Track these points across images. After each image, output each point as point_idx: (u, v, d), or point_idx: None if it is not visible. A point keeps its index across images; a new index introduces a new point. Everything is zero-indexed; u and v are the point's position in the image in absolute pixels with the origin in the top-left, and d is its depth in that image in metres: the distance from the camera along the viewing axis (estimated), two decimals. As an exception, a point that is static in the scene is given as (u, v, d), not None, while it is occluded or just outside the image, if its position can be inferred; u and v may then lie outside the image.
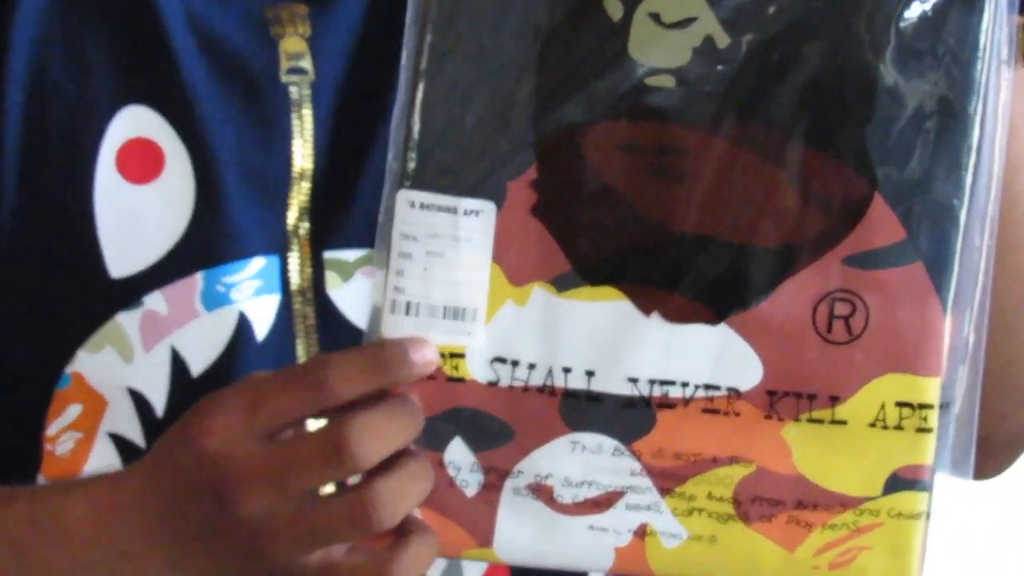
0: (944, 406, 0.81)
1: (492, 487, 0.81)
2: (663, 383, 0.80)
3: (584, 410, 0.81)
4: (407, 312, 0.80)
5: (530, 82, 0.80)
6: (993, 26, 0.79)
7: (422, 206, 0.80)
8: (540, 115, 0.80)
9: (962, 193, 0.80)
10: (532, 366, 0.81)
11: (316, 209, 0.99)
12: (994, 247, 0.82)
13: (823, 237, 0.79)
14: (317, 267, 1.00)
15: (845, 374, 0.80)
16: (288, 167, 0.99)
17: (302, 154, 1.00)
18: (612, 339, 0.81)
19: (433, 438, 0.80)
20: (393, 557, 0.78)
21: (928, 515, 0.81)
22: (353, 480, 0.80)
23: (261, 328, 0.99)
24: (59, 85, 0.99)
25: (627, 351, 0.81)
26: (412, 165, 0.81)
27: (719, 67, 0.79)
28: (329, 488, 0.81)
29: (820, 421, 0.80)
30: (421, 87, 0.81)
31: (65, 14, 1.00)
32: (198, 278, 0.97)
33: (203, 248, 0.98)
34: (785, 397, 0.80)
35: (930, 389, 0.80)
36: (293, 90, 0.99)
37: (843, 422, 0.80)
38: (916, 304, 0.80)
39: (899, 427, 0.80)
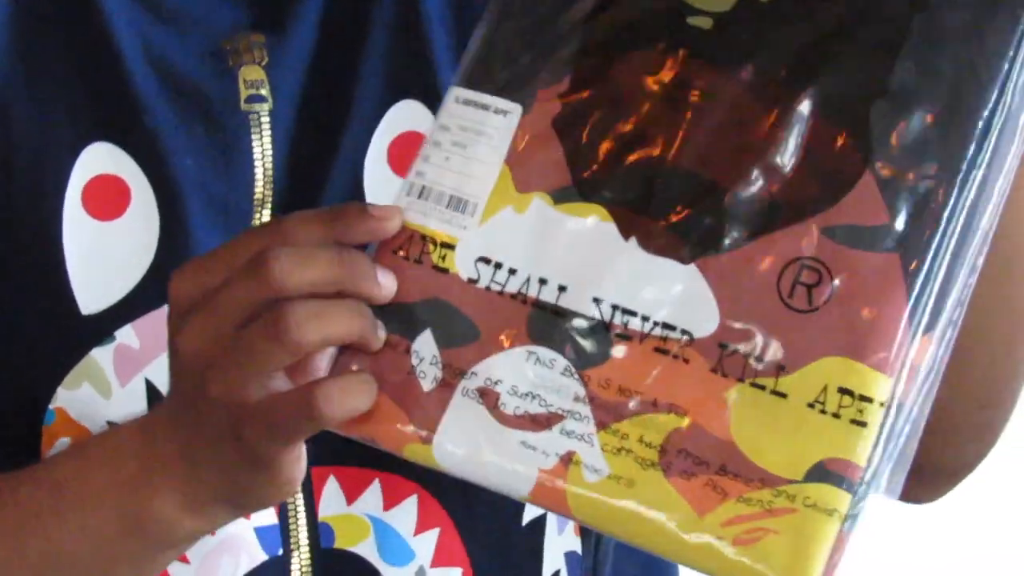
0: (887, 408, 0.78)
1: (446, 385, 0.82)
2: (624, 312, 0.80)
3: (548, 324, 0.81)
4: (419, 196, 0.83)
5: (585, 7, 0.83)
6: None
7: (464, 101, 0.84)
8: (586, 37, 0.83)
9: (951, 197, 0.79)
10: (512, 272, 0.82)
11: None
12: (976, 276, 0.80)
13: (808, 201, 0.79)
14: None
15: (796, 344, 0.78)
16: (250, 194, 1.01)
17: (263, 181, 1.03)
18: (589, 257, 0.82)
19: (406, 325, 0.82)
20: (320, 383, 0.78)
21: (849, 518, 0.77)
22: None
23: None
24: (22, 127, 1.01)
25: (599, 271, 0.82)
26: (467, 66, 0.85)
27: (756, 19, 0.81)
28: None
29: (762, 388, 0.78)
30: (495, 18, 0.86)
31: (23, 55, 1.02)
32: (166, 310, 0.91)
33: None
34: (735, 355, 0.79)
35: (875, 383, 0.77)
36: (253, 118, 1.01)
37: (784, 395, 0.78)
38: (882, 293, 0.78)
39: (836, 415, 0.78)
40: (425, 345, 0.82)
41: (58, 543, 0.95)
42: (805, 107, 0.81)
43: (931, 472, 0.97)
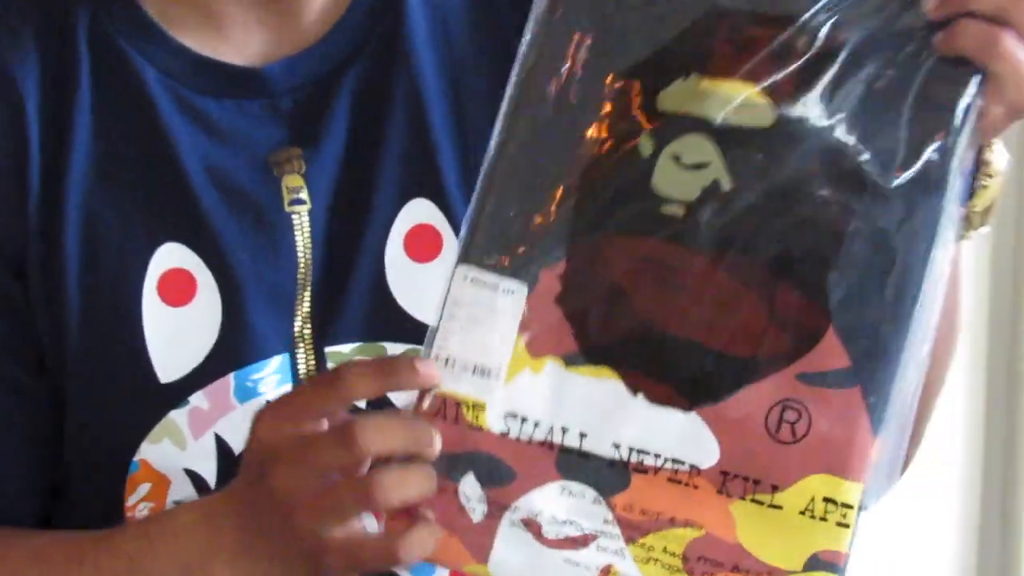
0: (862, 508, 0.92)
1: (493, 516, 0.93)
2: (640, 451, 0.92)
3: (575, 464, 0.93)
4: (446, 365, 0.93)
5: (573, 197, 0.93)
6: (945, 212, 0.92)
7: (472, 280, 0.93)
8: (577, 223, 0.93)
9: (902, 339, 0.92)
10: (537, 424, 0.93)
11: (316, 314, 1.13)
12: (921, 384, 0.94)
13: (784, 355, 0.92)
14: (320, 360, 1.14)
15: (786, 468, 0.92)
16: (294, 280, 1.13)
17: (304, 269, 1.15)
18: (604, 410, 0.93)
19: (453, 471, 0.93)
20: (402, 534, 0.91)
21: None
22: None
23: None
24: (106, 231, 1.14)
25: (615, 421, 0.93)
26: (471, 246, 0.94)
27: (721, 205, 0.92)
28: None
29: (761, 503, 0.92)
30: (490, 190, 0.95)
31: (105, 174, 1.15)
32: (231, 378, 1.11)
33: (232, 354, 1.12)
34: (736, 479, 0.92)
35: (853, 492, 0.91)
36: (295, 218, 1.14)
37: (779, 507, 0.92)
38: (850, 421, 0.91)
39: (823, 518, 0.91)
40: (471, 487, 0.94)
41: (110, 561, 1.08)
42: (773, 279, 0.93)
43: None
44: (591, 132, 0.96)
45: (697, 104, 0.94)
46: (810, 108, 0.94)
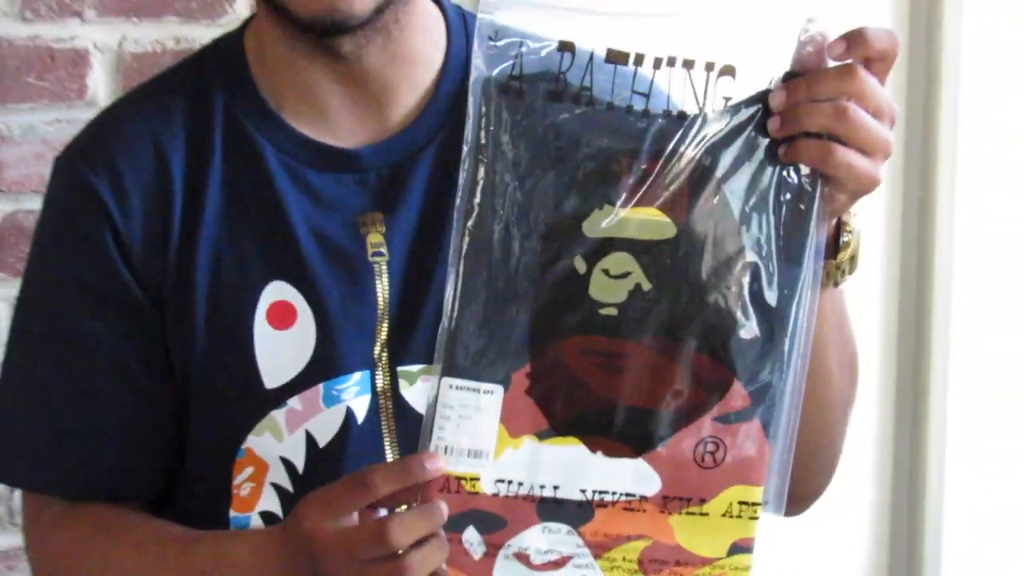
0: (765, 503, 1.21)
1: (490, 555, 1.18)
2: (600, 492, 1.18)
3: (551, 509, 1.18)
4: (445, 452, 1.16)
5: (528, 311, 1.16)
6: (804, 281, 1.18)
7: (457, 387, 1.16)
8: (534, 332, 1.17)
9: (784, 379, 1.20)
10: (520, 484, 1.17)
11: (391, 340, 1.38)
12: (800, 408, 1.21)
13: (703, 406, 1.18)
14: (393, 377, 1.39)
15: (710, 486, 1.19)
16: (374, 315, 1.37)
17: (383, 307, 1.38)
18: (571, 467, 1.19)
19: (456, 526, 1.16)
20: None
21: (751, 567, 1.20)
22: None
23: (360, 416, 1.38)
24: (228, 269, 1.38)
25: (580, 474, 1.19)
26: (452, 362, 1.16)
27: (644, 302, 1.17)
28: None
29: (693, 513, 1.19)
30: (459, 319, 1.17)
31: (229, 225, 1.39)
32: (320, 387, 1.35)
33: (322, 368, 1.36)
34: (673, 500, 1.18)
35: (757, 494, 1.20)
36: (376, 267, 1.37)
37: (706, 514, 1.19)
38: (754, 445, 1.19)
39: (739, 516, 1.19)
40: (472, 535, 1.17)
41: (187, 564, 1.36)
42: (689, 352, 1.18)
43: (798, 499, 1.34)
44: (534, 261, 1.18)
45: (615, 228, 1.17)
46: (699, 218, 1.17)
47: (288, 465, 1.39)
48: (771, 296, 1.19)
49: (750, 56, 1.19)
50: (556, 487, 1.18)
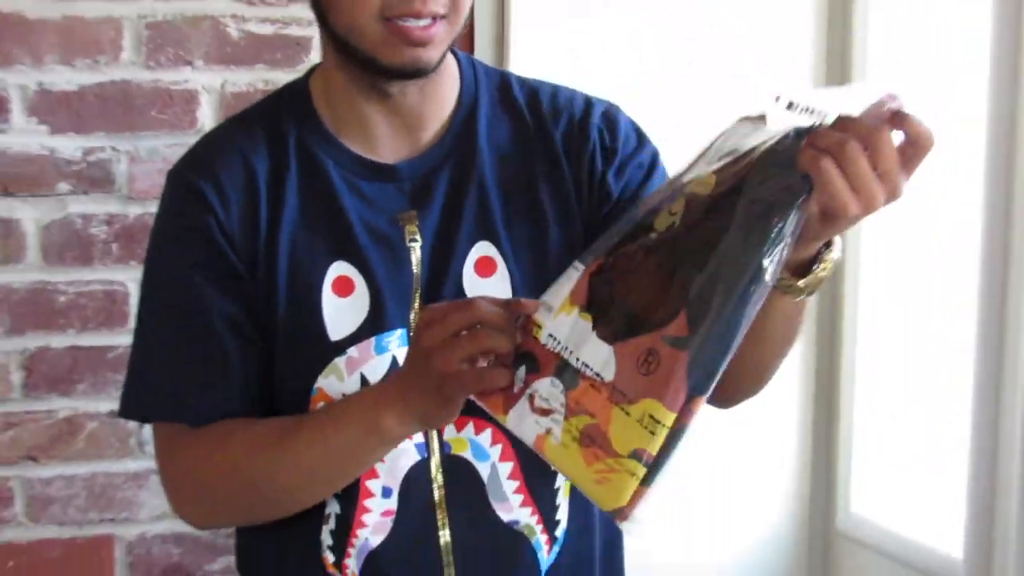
0: (671, 429, 1.28)
1: (522, 392, 1.34)
2: (585, 365, 1.32)
3: (561, 368, 1.33)
4: (541, 305, 1.35)
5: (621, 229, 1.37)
6: (762, 267, 1.25)
7: (578, 259, 1.37)
8: (616, 242, 1.35)
9: (721, 332, 1.28)
10: (557, 341, 1.34)
11: (423, 305, 1.56)
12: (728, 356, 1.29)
13: (659, 321, 1.30)
14: None
15: (638, 391, 1.28)
16: (410, 286, 1.57)
17: (416, 279, 1.57)
18: (581, 339, 1.33)
19: (518, 363, 1.34)
20: (487, 369, 1.33)
21: (645, 480, 1.28)
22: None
23: (401, 360, 1.53)
24: (301, 252, 1.56)
25: (582, 346, 1.32)
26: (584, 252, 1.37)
27: (670, 233, 1.32)
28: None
29: (623, 410, 1.30)
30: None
31: (303, 220, 1.57)
32: (372, 340, 1.55)
33: (373, 325, 1.55)
34: (616, 391, 1.30)
35: (667, 417, 1.28)
36: (412, 249, 1.57)
37: (629, 415, 1.29)
38: (674, 371, 1.27)
39: (646, 427, 1.28)
40: (521, 371, 1.35)
41: (329, 439, 1.50)
42: (671, 278, 1.30)
43: (730, 399, 1.55)
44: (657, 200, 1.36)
45: (688, 183, 1.34)
46: (727, 189, 1.29)
47: (343, 397, 1.56)
48: (736, 258, 1.30)
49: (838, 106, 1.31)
50: (570, 351, 1.36)
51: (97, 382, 2.47)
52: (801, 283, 1.38)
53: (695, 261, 1.30)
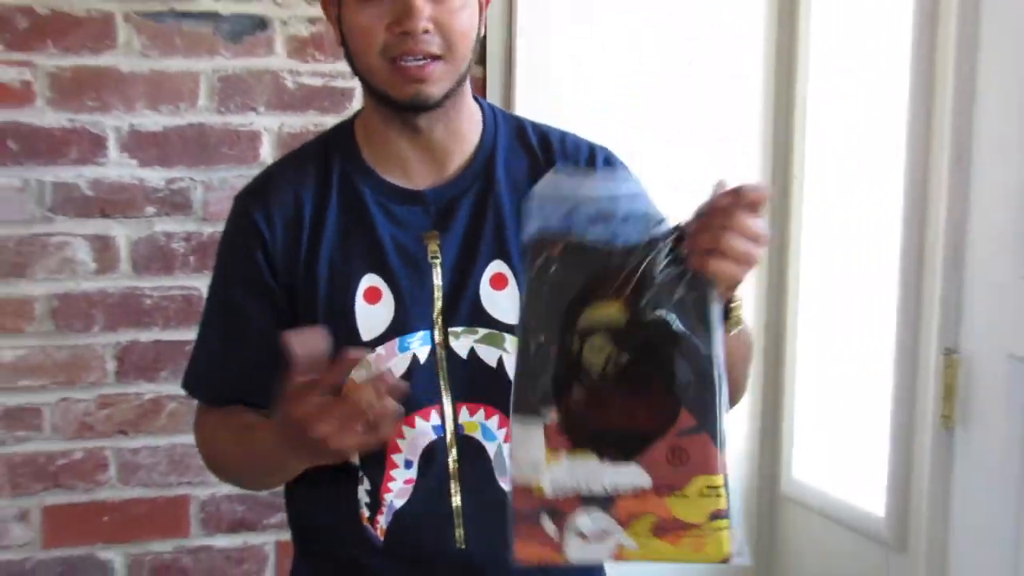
0: (725, 483, 1.29)
1: (560, 534, 1.31)
2: (614, 486, 1.30)
3: (587, 500, 1.30)
4: (514, 464, 1.32)
5: (552, 379, 1.31)
6: (716, 338, 1.29)
7: (519, 423, 1.32)
8: (555, 386, 1.31)
9: (714, 402, 1.29)
10: (566, 487, 1.30)
11: (443, 312, 1.56)
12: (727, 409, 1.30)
13: (665, 425, 1.30)
14: (444, 334, 1.57)
15: (683, 478, 1.29)
16: (431, 295, 1.57)
17: (438, 293, 1.57)
18: (591, 472, 1.31)
19: (536, 518, 1.31)
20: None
21: (731, 528, 1.29)
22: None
23: (422, 358, 1.55)
24: (339, 268, 1.57)
25: (598, 475, 1.31)
26: (517, 406, 1.32)
27: (616, 364, 1.30)
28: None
29: (678, 496, 1.29)
30: (518, 382, 1.32)
31: (341, 240, 1.58)
32: (396, 340, 1.55)
33: (398, 328, 1.55)
34: (663, 487, 1.29)
35: (719, 479, 1.29)
36: (433, 265, 1.58)
37: (687, 496, 1.29)
38: (706, 450, 1.29)
39: (709, 496, 1.29)
40: (547, 523, 1.31)
41: (258, 454, 1.53)
42: (652, 391, 1.29)
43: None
44: (555, 347, 1.32)
45: (597, 320, 1.30)
46: (645, 309, 1.29)
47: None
48: (696, 352, 1.31)
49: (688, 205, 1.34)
50: (586, 485, 1.32)
51: (176, 370, 2.43)
52: (729, 327, 1.41)
53: (663, 372, 1.31)
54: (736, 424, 2.85)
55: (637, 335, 1.31)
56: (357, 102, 2.52)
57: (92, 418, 2.52)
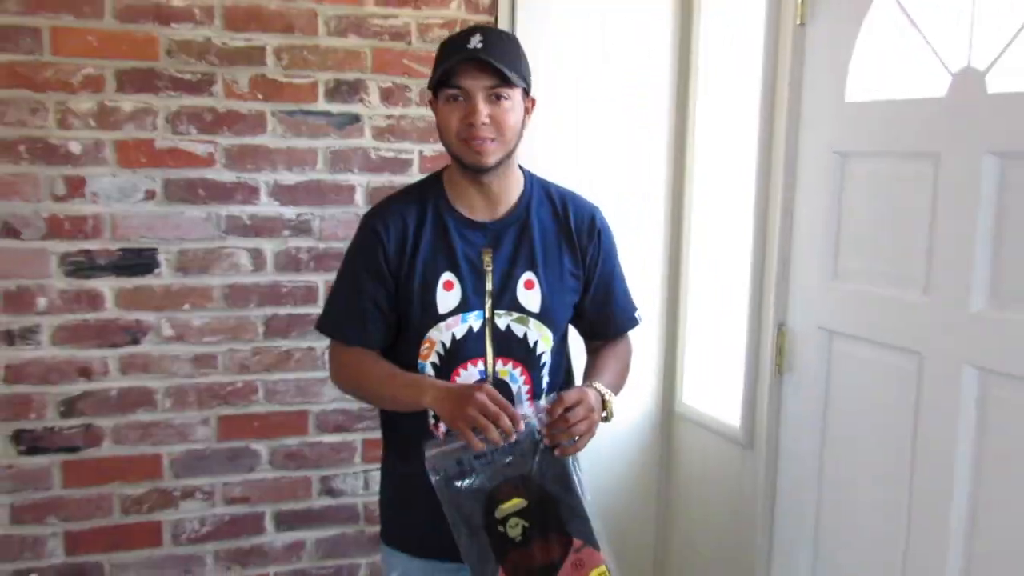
0: (608, 568, 1.33)
1: None
2: None
3: None
4: None
5: (489, 549, 1.34)
6: (580, 493, 1.31)
7: None
8: (496, 553, 1.33)
9: (587, 522, 1.31)
10: None
11: (493, 301, 1.55)
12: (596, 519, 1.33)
13: (567, 550, 1.34)
14: (492, 314, 1.55)
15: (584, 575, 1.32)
16: (485, 290, 1.56)
17: (489, 287, 1.55)
18: None
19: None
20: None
21: None
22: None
23: (475, 328, 1.55)
24: (427, 267, 1.55)
25: None
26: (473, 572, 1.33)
27: (529, 530, 1.29)
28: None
29: None
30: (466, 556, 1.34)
31: (430, 249, 1.55)
32: (460, 315, 1.55)
33: (462, 308, 1.55)
34: None
35: (604, 568, 1.34)
36: (488, 271, 1.57)
37: None
38: (592, 555, 1.33)
39: None
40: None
41: (398, 389, 1.51)
42: (555, 539, 1.30)
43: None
44: (485, 536, 1.34)
45: (508, 510, 1.33)
46: (534, 493, 1.30)
47: (442, 344, 1.56)
48: (570, 505, 1.33)
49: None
50: None
51: (303, 332, 2.51)
52: (606, 416, 1.48)
53: (557, 524, 1.35)
54: (646, 367, 2.82)
55: (535, 510, 1.35)
56: (415, 167, 2.53)
57: (248, 361, 2.50)
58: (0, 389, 2.29)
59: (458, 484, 1.34)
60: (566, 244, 1.62)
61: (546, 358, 1.60)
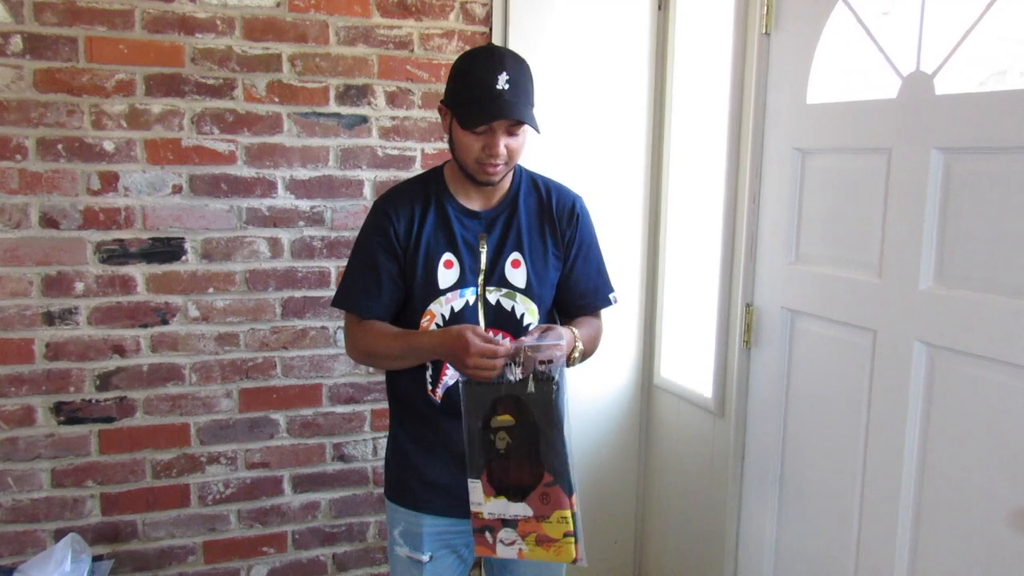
0: (573, 515, 1.30)
1: (493, 541, 1.26)
2: (516, 516, 1.30)
3: (506, 523, 1.29)
4: (472, 503, 1.28)
5: (481, 453, 1.32)
6: (563, 394, 1.26)
7: (471, 479, 1.32)
8: (485, 460, 1.29)
9: (564, 461, 1.26)
10: (493, 513, 1.29)
11: (485, 278, 1.55)
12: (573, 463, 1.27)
13: (539, 480, 1.30)
14: (484, 290, 1.55)
15: (549, 511, 1.30)
16: (479, 269, 1.55)
17: (485, 266, 1.56)
18: (506, 507, 1.31)
19: (481, 531, 1.25)
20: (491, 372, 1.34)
21: (575, 540, 1.28)
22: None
23: (471, 302, 1.54)
24: (430, 248, 1.55)
25: (509, 509, 1.29)
26: (470, 470, 1.31)
27: (511, 447, 1.25)
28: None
29: (548, 521, 1.29)
30: (467, 455, 1.30)
31: (433, 231, 1.55)
32: (459, 291, 1.54)
33: (460, 284, 1.54)
34: (540, 517, 1.27)
35: (568, 512, 1.30)
36: (482, 252, 1.56)
37: (552, 522, 1.30)
38: (560, 495, 1.29)
39: (563, 522, 1.28)
40: (488, 534, 1.26)
41: (408, 347, 1.49)
42: (532, 463, 1.25)
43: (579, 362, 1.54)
44: (479, 437, 1.33)
45: (499, 423, 1.31)
46: (523, 415, 1.27)
47: (442, 316, 1.56)
48: (550, 437, 1.29)
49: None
50: (504, 512, 1.33)
51: (316, 313, 2.49)
52: (573, 361, 1.46)
53: (534, 450, 1.32)
54: (628, 343, 2.82)
55: (519, 431, 1.32)
56: (417, 164, 2.52)
57: (267, 339, 2.48)
58: (42, 365, 2.29)
59: (478, 385, 1.36)
60: (549, 228, 1.62)
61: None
